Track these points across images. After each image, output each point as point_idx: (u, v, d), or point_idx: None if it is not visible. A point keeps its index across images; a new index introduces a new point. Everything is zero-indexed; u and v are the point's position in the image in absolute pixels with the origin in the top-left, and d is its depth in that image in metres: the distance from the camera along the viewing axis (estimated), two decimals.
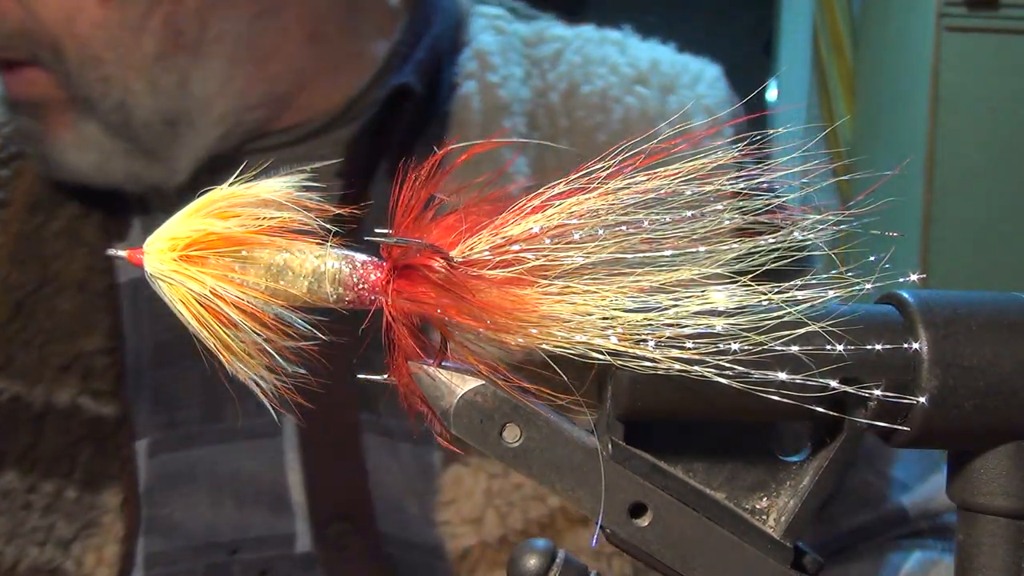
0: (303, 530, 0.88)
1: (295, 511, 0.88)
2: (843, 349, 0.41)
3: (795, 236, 0.43)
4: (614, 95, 0.96)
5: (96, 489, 0.89)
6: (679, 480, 0.44)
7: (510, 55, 0.99)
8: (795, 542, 0.45)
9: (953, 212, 2.78)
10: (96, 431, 0.89)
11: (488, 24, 1.02)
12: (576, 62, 0.99)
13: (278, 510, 0.88)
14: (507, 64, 0.98)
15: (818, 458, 0.45)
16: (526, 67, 0.99)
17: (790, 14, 3.60)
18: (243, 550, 0.88)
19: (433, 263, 0.42)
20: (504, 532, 0.85)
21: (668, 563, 0.43)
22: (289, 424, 0.88)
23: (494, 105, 0.94)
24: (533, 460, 0.43)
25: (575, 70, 0.98)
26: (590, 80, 0.97)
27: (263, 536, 0.88)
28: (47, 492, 0.88)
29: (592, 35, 1.03)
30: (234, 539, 0.88)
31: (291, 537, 0.88)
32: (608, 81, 0.97)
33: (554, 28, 1.03)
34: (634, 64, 0.99)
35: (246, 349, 0.42)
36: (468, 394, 0.43)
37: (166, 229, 0.43)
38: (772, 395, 0.40)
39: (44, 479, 0.88)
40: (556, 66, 0.99)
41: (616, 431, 0.44)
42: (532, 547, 0.44)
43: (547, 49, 1.01)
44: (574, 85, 0.97)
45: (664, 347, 0.40)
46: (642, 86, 0.97)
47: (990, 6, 2.76)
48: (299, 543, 0.88)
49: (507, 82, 0.96)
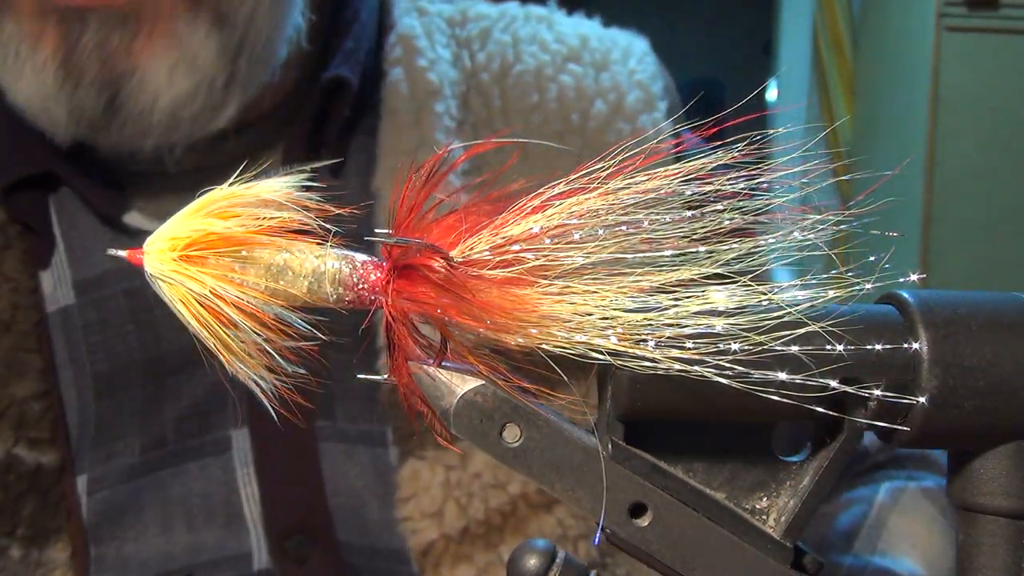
0: (260, 547, 0.86)
1: (250, 527, 0.86)
2: (843, 349, 0.41)
3: (795, 236, 0.43)
4: (548, 74, 0.94)
5: (42, 545, 0.84)
6: (679, 480, 0.44)
7: (436, 37, 0.96)
8: (795, 542, 0.45)
9: (953, 212, 2.78)
10: (37, 483, 0.84)
11: (410, 6, 0.99)
12: (505, 41, 0.97)
13: (232, 528, 0.86)
14: (433, 47, 0.95)
15: (818, 458, 0.45)
16: (453, 49, 0.96)
17: (790, 14, 3.60)
18: (199, 573, 0.85)
19: (433, 263, 0.42)
20: (466, 523, 0.84)
21: (668, 563, 0.43)
22: (240, 439, 0.86)
23: (425, 90, 0.91)
24: (533, 460, 0.43)
25: (505, 49, 0.96)
26: (521, 59, 0.95)
27: (218, 558, 0.85)
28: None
29: (517, 12, 1.01)
30: (189, 563, 0.85)
31: (248, 555, 0.86)
32: (540, 60, 0.95)
33: (478, 6, 1.01)
34: (563, 41, 0.97)
35: (246, 349, 0.42)
36: (468, 394, 0.43)
37: (166, 229, 0.43)
38: (772, 395, 0.40)
39: None
40: (485, 46, 0.97)
41: (616, 431, 0.44)
42: (532, 547, 0.44)
43: (473, 28, 0.98)
44: (505, 65, 0.95)
45: (664, 347, 0.40)
46: (574, 63, 0.96)
47: (990, 6, 2.76)
48: (256, 560, 0.86)
49: (435, 65, 0.93)
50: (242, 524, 0.86)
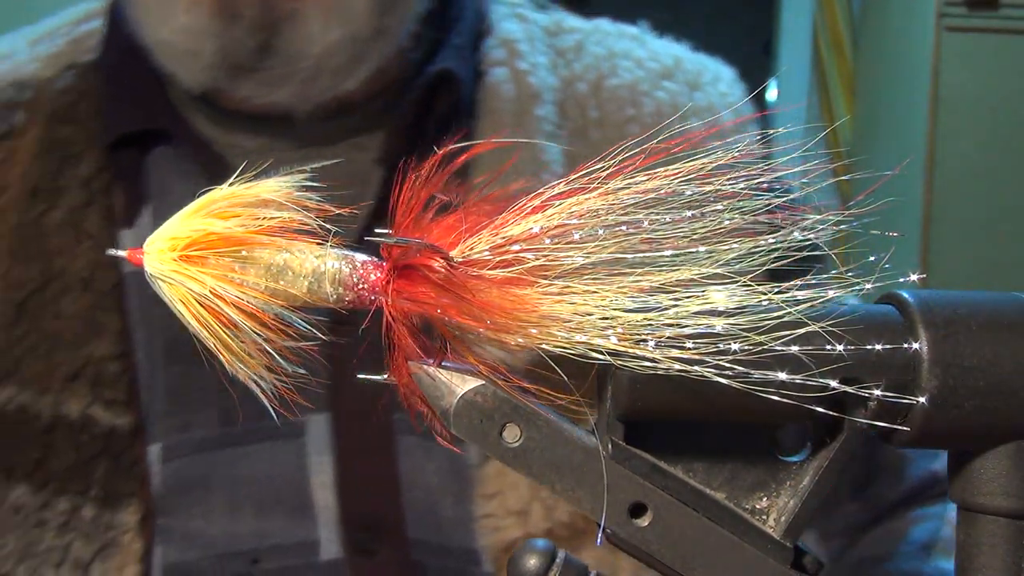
0: (328, 537, 0.85)
1: (318, 517, 0.85)
2: (843, 349, 0.41)
3: (795, 236, 0.43)
4: (643, 89, 0.96)
5: (114, 507, 0.84)
6: (679, 480, 0.44)
7: (535, 44, 0.98)
8: (795, 542, 0.45)
9: (953, 212, 2.78)
10: (111, 445, 0.84)
11: (510, 12, 1.01)
12: (600, 54, 0.99)
13: (300, 516, 0.85)
14: (534, 52, 0.97)
15: (818, 458, 0.45)
16: (551, 56, 0.98)
17: (790, 14, 3.60)
18: (265, 559, 0.84)
19: (433, 263, 0.42)
20: (550, 525, 0.83)
21: (668, 563, 0.43)
22: (316, 425, 0.85)
23: (526, 93, 0.92)
24: (533, 460, 0.43)
25: (600, 62, 0.98)
26: (617, 73, 0.97)
27: (285, 544, 0.85)
28: (62, 510, 0.83)
29: (610, 28, 1.03)
30: (255, 547, 0.84)
31: (315, 544, 0.85)
32: (635, 75, 0.97)
33: (571, 19, 1.03)
34: (657, 59, 0.99)
35: (246, 349, 0.42)
36: (468, 394, 0.43)
37: (166, 229, 0.43)
38: (772, 395, 0.40)
39: (58, 496, 0.84)
40: (580, 57, 0.98)
41: (616, 431, 0.44)
42: (532, 547, 0.44)
43: (568, 40, 1.00)
44: (601, 77, 0.97)
45: (664, 347, 0.40)
46: (669, 81, 0.97)
47: (990, 6, 2.76)
48: (324, 550, 0.85)
49: (536, 70, 0.95)
50: (310, 512, 0.85)
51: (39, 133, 0.90)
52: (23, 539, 0.84)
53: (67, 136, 0.89)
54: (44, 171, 0.88)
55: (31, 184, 0.88)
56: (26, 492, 0.84)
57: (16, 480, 0.84)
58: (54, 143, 0.89)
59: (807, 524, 0.45)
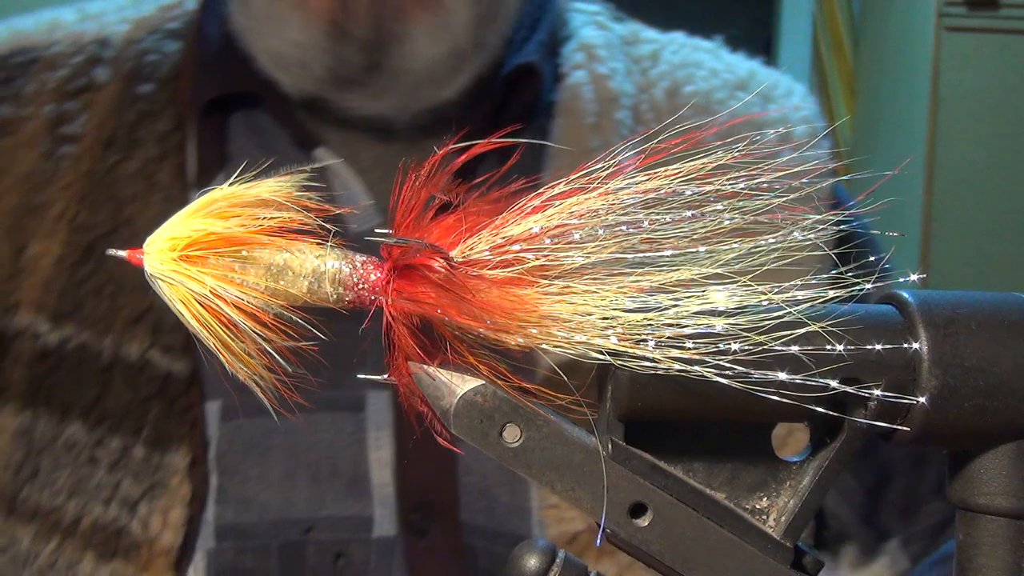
0: (382, 514, 0.85)
1: (374, 493, 0.86)
2: (843, 349, 0.41)
3: (795, 236, 0.43)
4: (718, 98, 0.98)
5: (164, 449, 0.86)
6: (679, 480, 0.44)
7: (613, 50, 1.01)
8: (795, 542, 0.45)
9: (953, 212, 2.78)
10: (165, 388, 0.86)
11: (589, 19, 1.04)
12: (676, 62, 1.01)
13: (356, 490, 0.86)
14: (612, 58, 0.99)
15: (818, 458, 0.45)
16: (627, 63, 1.00)
17: (790, 14, 3.60)
18: (317, 529, 0.85)
19: (433, 263, 0.42)
20: None
21: (668, 563, 0.43)
22: (377, 400, 0.86)
23: (605, 96, 0.95)
24: (533, 460, 0.43)
25: (676, 70, 1.00)
26: (692, 81, 0.99)
27: (339, 516, 0.86)
28: (114, 448, 0.86)
29: (685, 40, 1.06)
30: (309, 516, 0.85)
31: (368, 520, 0.86)
32: (711, 84, 1.00)
33: (647, 31, 1.07)
34: (732, 71, 1.02)
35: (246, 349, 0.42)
36: (468, 394, 0.43)
37: (166, 229, 0.43)
38: (772, 395, 0.40)
39: (111, 434, 0.86)
40: (656, 65, 1.01)
41: (616, 431, 0.44)
42: (532, 547, 0.44)
43: (645, 48, 1.03)
44: (676, 84, 0.99)
45: (664, 347, 0.40)
46: (743, 92, 1.00)
47: (990, 6, 2.76)
48: (377, 527, 0.85)
49: (614, 75, 0.97)
50: (366, 488, 0.86)
51: (118, 88, 0.93)
52: (75, 475, 0.86)
53: (147, 93, 0.93)
54: (121, 123, 0.91)
55: (106, 135, 0.91)
56: (80, 429, 0.86)
57: (72, 418, 0.86)
58: (134, 98, 0.93)
59: (807, 524, 0.45)
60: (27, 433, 0.87)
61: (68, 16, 1.00)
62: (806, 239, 0.43)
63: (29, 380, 0.87)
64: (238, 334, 0.42)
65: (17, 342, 0.88)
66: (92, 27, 0.99)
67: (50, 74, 0.95)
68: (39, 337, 0.87)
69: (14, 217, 0.90)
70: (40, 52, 0.96)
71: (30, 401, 0.87)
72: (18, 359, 0.88)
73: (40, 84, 0.94)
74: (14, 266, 0.89)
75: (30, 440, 0.87)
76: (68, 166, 0.91)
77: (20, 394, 0.87)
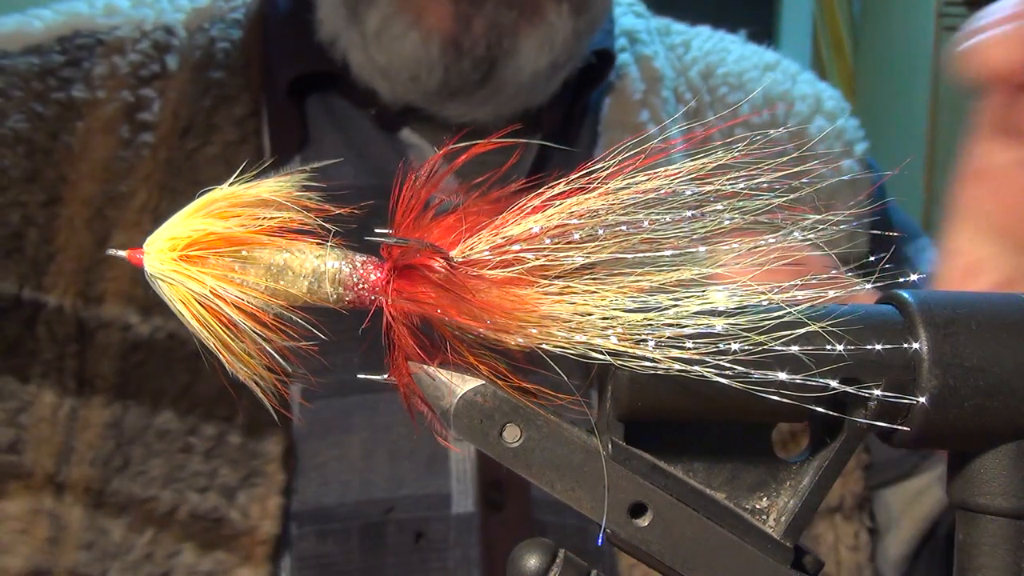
0: (459, 490, 0.86)
1: (451, 470, 0.86)
2: (843, 349, 0.41)
3: (795, 236, 0.43)
4: (751, 76, 1.05)
5: (259, 436, 0.85)
6: (679, 480, 0.44)
7: (653, 36, 1.06)
8: (795, 542, 0.44)
9: None
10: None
11: (627, 9, 1.09)
12: (707, 48, 1.08)
13: (434, 468, 0.86)
14: (654, 42, 1.05)
15: (818, 458, 0.45)
16: (664, 50, 1.06)
17: (790, 14, 3.60)
18: (398, 509, 0.86)
19: (433, 263, 0.42)
20: None
21: (668, 563, 0.43)
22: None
23: (651, 76, 1.00)
24: (533, 460, 0.43)
25: (707, 56, 1.07)
26: (723, 64, 1.05)
27: (418, 495, 0.86)
28: (209, 435, 0.85)
29: (711, 32, 1.12)
30: (389, 496, 0.86)
31: (447, 498, 0.86)
32: (741, 66, 1.06)
33: (676, 24, 1.13)
34: (759, 55, 1.09)
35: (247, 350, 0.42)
36: (468, 394, 0.43)
37: (166, 229, 0.43)
38: (772, 395, 0.40)
39: (205, 421, 0.85)
40: (688, 51, 1.07)
41: (616, 431, 0.44)
42: (532, 547, 0.44)
43: (676, 39, 1.09)
44: (710, 67, 1.05)
45: (664, 347, 0.40)
46: (772, 72, 1.07)
47: None
48: (455, 504, 0.86)
49: (656, 57, 1.03)
50: (445, 465, 0.87)
51: (190, 76, 0.94)
52: (168, 463, 0.85)
53: (221, 79, 0.94)
54: (197, 109, 0.92)
55: (183, 123, 0.92)
56: (172, 418, 0.86)
57: (163, 406, 0.86)
58: (207, 85, 0.94)
59: (807, 524, 0.45)
60: (116, 425, 0.86)
61: (121, 1, 1.01)
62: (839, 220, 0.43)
63: (118, 372, 0.87)
64: (238, 334, 0.42)
65: (102, 334, 0.87)
66: (150, 13, 1.00)
67: (120, 58, 0.95)
68: (130, 328, 0.87)
69: (94, 207, 0.90)
70: (102, 35, 0.97)
71: (120, 393, 0.87)
72: (105, 351, 0.87)
73: (111, 68, 0.94)
74: (97, 256, 0.89)
75: (120, 432, 0.86)
76: (147, 155, 0.91)
77: (109, 387, 0.87)
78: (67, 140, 0.92)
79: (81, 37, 0.97)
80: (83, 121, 0.92)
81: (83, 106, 0.93)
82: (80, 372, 0.87)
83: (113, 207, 0.90)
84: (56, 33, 0.97)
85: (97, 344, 0.87)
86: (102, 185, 0.90)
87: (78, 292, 0.88)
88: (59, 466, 0.86)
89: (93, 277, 0.88)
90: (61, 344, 0.87)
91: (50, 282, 0.88)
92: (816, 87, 1.09)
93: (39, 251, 0.89)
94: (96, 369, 0.87)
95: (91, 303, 0.88)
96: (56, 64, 0.95)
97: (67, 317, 0.87)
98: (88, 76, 0.94)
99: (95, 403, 0.86)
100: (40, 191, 0.90)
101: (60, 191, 0.91)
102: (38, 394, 0.87)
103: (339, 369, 0.86)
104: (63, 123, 0.93)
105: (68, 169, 0.91)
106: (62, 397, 0.86)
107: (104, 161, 0.91)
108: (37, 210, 0.90)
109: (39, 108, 0.93)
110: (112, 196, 0.90)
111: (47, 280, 0.88)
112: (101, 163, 0.91)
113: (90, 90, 0.93)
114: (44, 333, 0.87)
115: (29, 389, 0.87)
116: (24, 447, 0.86)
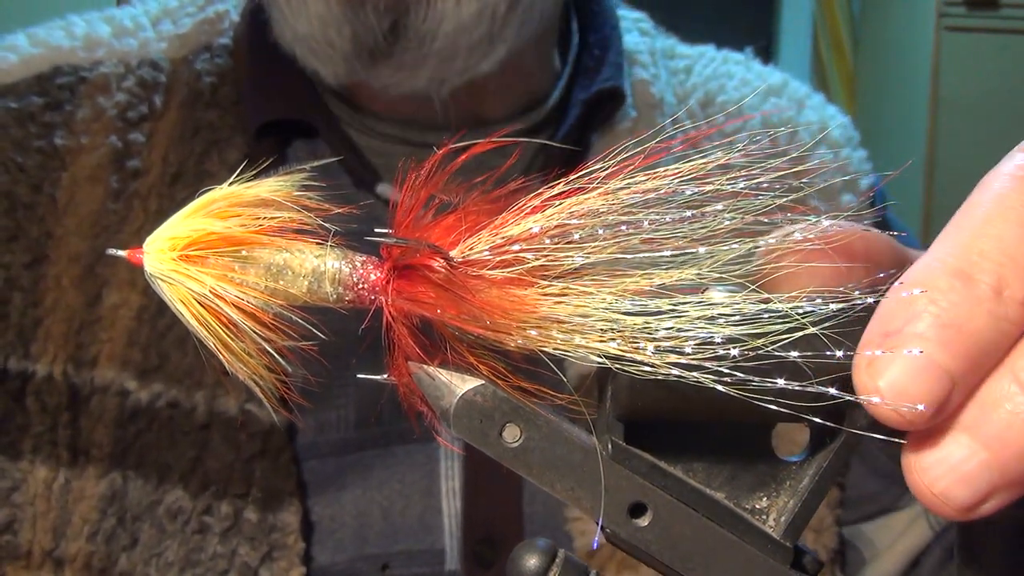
0: (452, 546, 0.84)
1: (445, 525, 0.84)
2: (842, 355, 0.41)
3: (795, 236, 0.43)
4: (751, 103, 1.02)
5: (275, 508, 0.81)
6: (679, 480, 0.44)
7: (657, 58, 1.03)
8: (795, 542, 0.44)
9: (953, 212, 2.78)
10: (269, 443, 0.81)
11: (632, 25, 1.06)
12: (708, 74, 1.05)
13: (428, 523, 0.84)
14: (655, 66, 1.02)
15: (818, 458, 0.45)
16: (668, 75, 1.03)
17: (790, 14, 3.60)
18: (393, 565, 0.83)
19: (433, 263, 0.42)
20: None
21: (668, 563, 0.43)
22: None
23: (645, 102, 0.97)
24: (533, 460, 0.43)
25: (708, 82, 1.04)
26: (724, 91, 1.03)
27: (413, 551, 0.84)
28: (224, 514, 0.81)
29: (716, 54, 1.09)
30: (383, 551, 0.83)
31: (441, 553, 0.84)
32: (742, 92, 1.03)
33: (680, 46, 1.10)
34: (764, 79, 1.06)
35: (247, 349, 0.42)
36: (468, 394, 0.43)
37: (166, 229, 0.43)
38: (771, 403, 0.40)
39: (219, 499, 0.81)
40: (689, 77, 1.04)
41: (616, 431, 0.44)
42: (532, 547, 0.44)
43: (680, 63, 1.06)
44: (710, 94, 1.02)
45: (663, 352, 0.40)
46: (776, 97, 1.04)
47: (990, 6, 2.76)
48: (449, 559, 0.84)
49: (656, 81, 1.00)
50: (439, 520, 0.84)
51: (179, 116, 0.89)
52: (184, 546, 0.81)
53: (212, 121, 0.89)
54: (189, 155, 0.86)
55: (173, 169, 0.86)
56: (184, 496, 0.81)
57: (171, 482, 0.82)
58: (199, 127, 0.88)
59: (807, 524, 0.45)
60: (116, 498, 0.82)
61: (102, 29, 0.94)
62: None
63: (116, 441, 0.82)
64: (238, 334, 0.42)
65: (96, 399, 0.83)
66: (133, 43, 0.93)
67: (105, 99, 0.88)
68: (128, 395, 0.82)
69: (84, 264, 0.84)
70: (85, 72, 0.90)
71: (117, 463, 0.82)
72: (100, 418, 0.82)
73: (95, 110, 0.88)
74: (88, 316, 0.83)
75: (122, 506, 0.82)
76: (138, 206, 0.85)
77: (105, 456, 0.82)
78: (51, 193, 0.85)
79: (62, 75, 0.90)
80: (67, 171, 0.86)
81: (67, 154, 0.87)
82: (73, 441, 0.82)
83: (104, 264, 0.84)
84: (34, 70, 0.90)
85: (91, 411, 0.83)
86: (91, 241, 0.85)
87: (69, 356, 0.83)
88: (57, 541, 0.82)
89: (85, 339, 0.83)
90: (53, 414, 0.83)
91: (38, 349, 0.83)
92: (823, 113, 1.05)
93: (25, 316, 0.83)
94: (91, 438, 0.83)
95: (83, 367, 0.83)
96: (35, 107, 0.88)
97: (58, 385, 0.83)
98: (71, 120, 0.88)
99: (90, 473, 0.82)
100: (24, 251, 0.84)
101: (46, 249, 0.84)
102: (31, 470, 0.82)
103: (335, 427, 0.84)
104: (46, 174, 0.86)
105: (54, 225, 0.85)
106: (56, 470, 0.82)
107: (92, 215, 0.85)
108: (21, 271, 0.84)
109: (18, 158, 0.86)
110: (102, 252, 0.84)
111: (35, 347, 0.83)
112: (89, 217, 0.85)
113: (73, 136, 0.87)
114: (34, 405, 0.83)
115: (21, 466, 0.83)
116: (20, 526, 0.82)
